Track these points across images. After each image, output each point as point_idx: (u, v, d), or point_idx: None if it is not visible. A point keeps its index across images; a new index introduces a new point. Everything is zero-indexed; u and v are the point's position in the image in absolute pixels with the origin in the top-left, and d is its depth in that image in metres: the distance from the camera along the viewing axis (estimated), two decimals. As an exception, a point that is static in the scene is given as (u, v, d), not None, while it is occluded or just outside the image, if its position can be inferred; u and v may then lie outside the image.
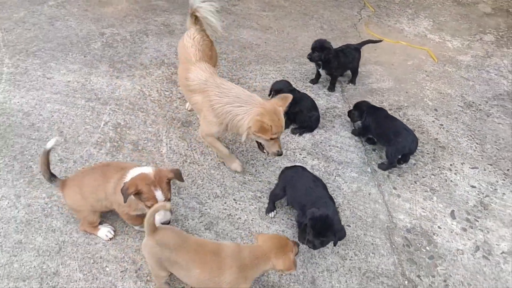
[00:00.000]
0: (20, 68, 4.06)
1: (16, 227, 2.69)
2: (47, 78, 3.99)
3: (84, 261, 2.55)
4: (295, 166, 2.96)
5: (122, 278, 2.48)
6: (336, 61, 3.89)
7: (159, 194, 2.24)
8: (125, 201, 2.19)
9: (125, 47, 4.56)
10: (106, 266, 2.54)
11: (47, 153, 2.47)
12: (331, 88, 4.09)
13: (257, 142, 2.91)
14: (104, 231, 2.65)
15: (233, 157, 3.16)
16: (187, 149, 3.37)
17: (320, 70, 4.01)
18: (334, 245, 2.58)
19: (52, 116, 3.57)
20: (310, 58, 3.85)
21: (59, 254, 2.57)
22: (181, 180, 2.40)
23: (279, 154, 2.81)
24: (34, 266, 2.50)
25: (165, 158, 3.28)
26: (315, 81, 4.17)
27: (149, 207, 2.17)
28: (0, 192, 2.89)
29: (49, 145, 2.46)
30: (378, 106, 3.58)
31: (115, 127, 3.53)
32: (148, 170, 2.31)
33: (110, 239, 2.65)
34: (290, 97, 2.80)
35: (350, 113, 3.61)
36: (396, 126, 3.28)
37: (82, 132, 3.44)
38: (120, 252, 2.61)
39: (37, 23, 4.79)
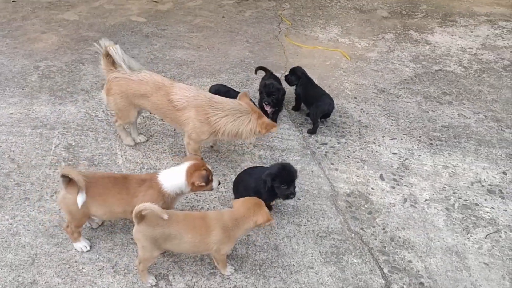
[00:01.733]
0: (-44, 107, 4.03)
1: (-17, 249, 2.73)
2: (-13, 113, 4.00)
3: (60, 267, 2.65)
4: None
5: (100, 275, 2.63)
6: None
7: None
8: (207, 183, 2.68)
9: (62, 76, 4.69)
10: (82, 268, 2.67)
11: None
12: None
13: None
14: (80, 245, 2.76)
15: None
16: (143, 157, 3.59)
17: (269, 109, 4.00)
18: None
19: (1, 146, 3.61)
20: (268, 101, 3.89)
21: (33, 265, 2.65)
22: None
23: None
24: (10, 280, 2.56)
25: (123, 168, 3.47)
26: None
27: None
28: (-42, 222, 2.90)
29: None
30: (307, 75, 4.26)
31: (67, 148, 3.65)
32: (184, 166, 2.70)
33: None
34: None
35: (286, 78, 4.23)
36: (317, 92, 4.04)
37: (34, 157, 3.52)
38: (94, 254, 2.75)
39: (-35, 63, 4.75)
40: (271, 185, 2.79)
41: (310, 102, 4.05)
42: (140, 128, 3.92)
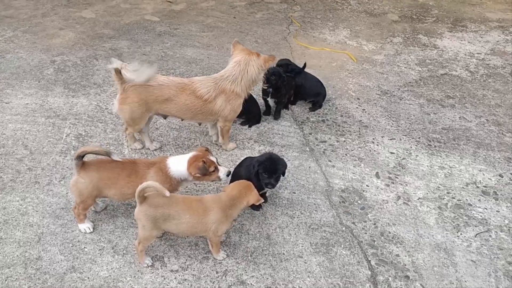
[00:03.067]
0: (-23, 96, 4.29)
1: (-5, 226, 2.93)
2: (5, 103, 4.24)
3: (64, 246, 2.83)
4: None
5: (100, 255, 2.80)
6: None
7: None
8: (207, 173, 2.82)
9: (77, 70, 4.92)
10: (84, 247, 2.84)
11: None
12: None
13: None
14: (84, 226, 2.94)
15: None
16: (147, 148, 3.76)
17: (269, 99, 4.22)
18: (283, 175, 3.05)
19: (15, 133, 3.83)
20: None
21: (39, 243, 2.84)
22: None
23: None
24: (17, 255, 2.75)
25: (128, 157, 3.64)
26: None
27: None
28: (-27, 201, 3.12)
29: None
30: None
31: (77, 137, 3.85)
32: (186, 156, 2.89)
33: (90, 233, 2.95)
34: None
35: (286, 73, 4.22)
36: (313, 81, 4.47)
37: (46, 144, 3.73)
38: (96, 235, 2.93)
39: (-13, 56, 5.04)
40: (257, 171, 2.94)
41: (314, 93, 4.47)
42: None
